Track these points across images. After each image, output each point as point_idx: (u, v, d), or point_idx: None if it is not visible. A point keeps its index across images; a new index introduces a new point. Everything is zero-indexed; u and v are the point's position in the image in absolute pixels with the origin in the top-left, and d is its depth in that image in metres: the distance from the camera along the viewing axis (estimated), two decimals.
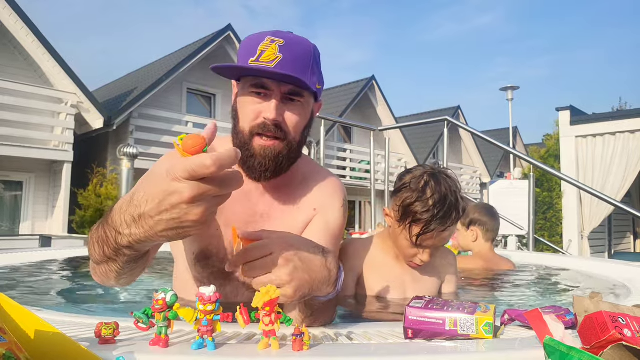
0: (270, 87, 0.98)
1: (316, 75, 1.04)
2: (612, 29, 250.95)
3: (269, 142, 1.00)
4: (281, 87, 0.98)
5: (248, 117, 1.00)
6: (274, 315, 0.63)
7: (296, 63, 0.97)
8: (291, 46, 0.97)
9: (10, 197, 9.31)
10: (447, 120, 3.93)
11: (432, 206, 1.18)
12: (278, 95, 0.99)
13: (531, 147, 16.58)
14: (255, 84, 0.99)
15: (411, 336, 0.71)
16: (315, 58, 1.03)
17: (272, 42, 0.96)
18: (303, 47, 1.00)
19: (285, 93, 0.99)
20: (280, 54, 0.95)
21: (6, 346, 0.49)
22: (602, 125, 7.69)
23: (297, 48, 0.98)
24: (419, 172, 1.27)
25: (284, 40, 0.97)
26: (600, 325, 0.56)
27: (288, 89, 0.99)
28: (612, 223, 9.63)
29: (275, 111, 0.97)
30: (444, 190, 1.20)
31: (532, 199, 4.00)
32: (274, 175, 1.03)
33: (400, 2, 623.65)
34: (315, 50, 1.04)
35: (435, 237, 1.21)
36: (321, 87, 1.08)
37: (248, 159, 1.01)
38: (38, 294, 1.55)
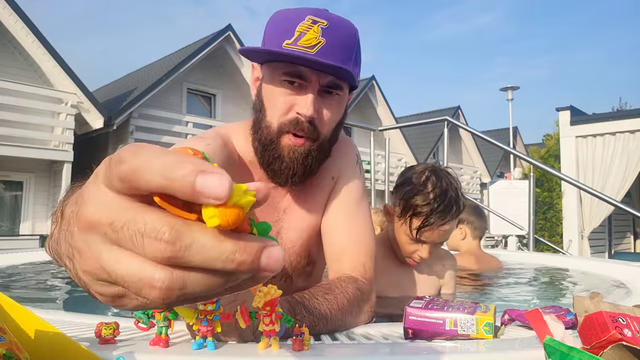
0: (309, 77, 0.84)
1: (358, 65, 0.90)
2: (612, 29, 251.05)
3: (300, 140, 0.86)
4: (320, 78, 0.84)
5: (278, 110, 0.86)
6: (274, 315, 0.63)
7: (341, 50, 0.83)
8: (335, 29, 0.82)
9: (10, 197, 9.31)
10: (447, 120, 3.93)
11: (433, 199, 1.19)
12: (316, 87, 0.85)
13: (531, 147, 16.59)
14: (290, 71, 0.84)
15: (411, 336, 0.71)
16: (359, 44, 0.88)
17: (314, 24, 0.81)
18: (348, 31, 0.85)
19: (324, 85, 0.86)
20: (323, 38, 0.81)
21: (6, 346, 0.49)
22: (602, 125, 7.69)
23: (341, 32, 0.84)
24: (421, 168, 1.29)
25: (327, 21, 0.82)
26: (600, 325, 0.56)
27: (328, 80, 0.85)
28: (612, 223, 9.63)
29: (312, 107, 0.84)
30: (445, 185, 1.22)
31: (532, 199, 4.00)
32: (302, 179, 0.91)
33: (400, 3, 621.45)
34: (358, 35, 0.88)
35: (435, 231, 1.21)
36: (358, 79, 0.94)
37: (274, 160, 0.88)
38: (38, 294, 1.55)
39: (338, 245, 0.98)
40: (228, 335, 0.65)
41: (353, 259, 0.95)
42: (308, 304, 0.75)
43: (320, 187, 1.02)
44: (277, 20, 0.86)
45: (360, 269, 0.95)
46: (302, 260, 1.05)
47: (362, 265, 0.96)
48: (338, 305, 0.79)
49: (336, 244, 0.98)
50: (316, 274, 1.10)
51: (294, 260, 1.03)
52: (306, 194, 1.01)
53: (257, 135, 0.91)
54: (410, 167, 1.33)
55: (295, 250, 1.03)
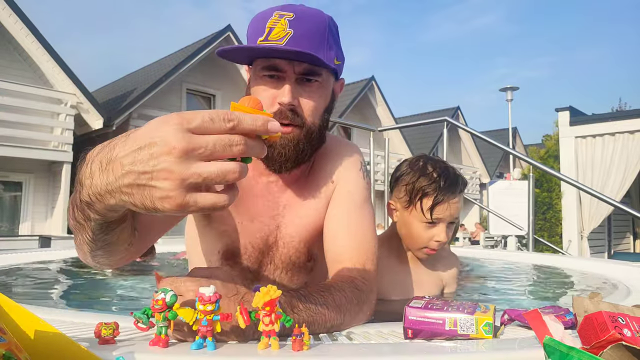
0: (283, 68, 0.90)
1: (334, 50, 0.93)
2: (612, 30, 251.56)
3: (287, 128, 0.91)
4: (295, 66, 0.90)
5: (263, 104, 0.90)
6: (274, 315, 0.63)
7: (309, 38, 0.87)
8: (302, 19, 0.87)
9: (9, 198, 9.31)
10: (446, 121, 3.93)
11: (437, 177, 1.23)
12: (292, 76, 0.90)
13: (530, 147, 16.60)
14: (267, 66, 0.90)
15: (411, 336, 0.71)
16: (331, 30, 0.92)
17: (280, 17, 0.87)
18: (316, 19, 0.90)
19: (301, 73, 0.90)
20: (291, 29, 0.86)
21: (6, 346, 0.49)
22: (602, 125, 7.70)
23: (309, 21, 0.88)
24: (413, 158, 1.33)
25: (293, 13, 0.87)
26: (599, 325, 0.56)
27: (302, 68, 0.90)
28: (612, 223, 9.63)
29: (289, 94, 0.88)
30: (442, 164, 1.28)
31: (532, 199, 4.00)
32: (295, 165, 0.96)
33: (400, 3, 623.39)
34: (330, 21, 0.93)
35: (448, 207, 1.22)
36: (341, 63, 0.98)
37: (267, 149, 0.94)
38: (38, 294, 1.55)
39: (339, 247, 0.99)
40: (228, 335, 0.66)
41: (353, 260, 0.96)
42: (305, 299, 0.75)
43: (320, 187, 1.04)
44: (251, 23, 0.93)
45: (360, 269, 0.95)
46: (302, 255, 1.07)
47: (362, 266, 0.96)
48: (335, 303, 0.80)
49: (337, 245, 0.99)
50: (318, 271, 1.11)
51: (293, 254, 1.06)
52: (305, 192, 1.04)
53: None
54: (402, 161, 1.36)
55: (294, 244, 1.05)
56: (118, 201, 0.54)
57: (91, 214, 0.61)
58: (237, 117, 0.52)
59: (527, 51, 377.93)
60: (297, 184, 1.04)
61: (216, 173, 0.50)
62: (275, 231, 1.05)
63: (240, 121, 0.52)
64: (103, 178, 0.53)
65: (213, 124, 0.51)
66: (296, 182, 1.04)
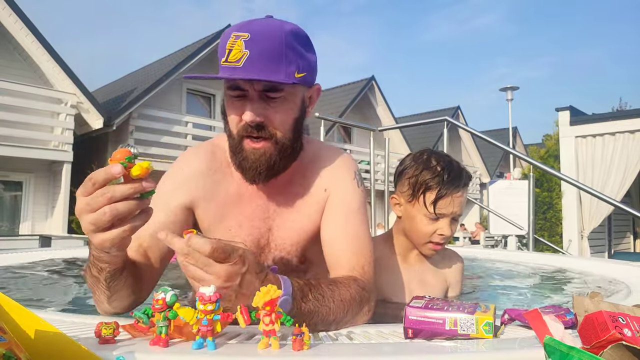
0: (244, 87, 0.93)
1: (294, 63, 0.93)
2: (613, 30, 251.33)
3: (258, 144, 0.95)
4: (254, 85, 0.92)
5: (233, 120, 0.96)
6: (274, 315, 0.63)
7: (265, 57, 0.89)
8: (257, 39, 0.89)
9: (10, 197, 9.31)
10: (446, 121, 3.92)
11: (441, 170, 1.22)
12: (254, 94, 0.93)
13: (531, 147, 16.59)
14: (230, 86, 0.94)
15: (411, 336, 0.71)
16: (288, 44, 0.92)
17: (237, 39, 0.89)
18: (272, 36, 0.90)
19: (261, 91, 0.93)
20: (247, 50, 0.88)
21: (6, 346, 0.49)
22: (602, 125, 7.69)
23: (264, 39, 0.90)
24: (417, 153, 1.32)
25: (249, 34, 0.89)
26: (600, 325, 0.56)
27: (262, 86, 0.92)
28: (612, 223, 9.63)
29: (250, 115, 0.92)
30: (447, 158, 1.27)
31: (532, 199, 4.00)
32: (268, 177, 0.99)
33: (400, 3, 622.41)
34: (289, 35, 0.93)
35: (451, 200, 1.22)
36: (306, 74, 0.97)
37: (242, 161, 0.98)
38: (38, 294, 1.55)
39: (337, 251, 1.01)
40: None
41: (352, 262, 0.99)
42: (314, 289, 0.80)
43: (311, 194, 1.07)
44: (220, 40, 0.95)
45: (360, 270, 0.98)
46: (294, 258, 1.08)
47: (361, 267, 0.98)
48: (341, 297, 0.84)
49: (336, 249, 1.01)
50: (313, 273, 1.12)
51: (285, 256, 1.08)
52: (296, 198, 1.07)
53: (229, 143, 1.01)
54: (406, 156, 1.36)
55: (286, 247, 1.07)
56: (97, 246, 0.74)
57: (101, 265, 0.80)
58: (110, 190, 0.68)
59: (527, 51, 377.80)
60: (287, 190, 1.07)
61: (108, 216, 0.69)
62: (267, 233, 1.07)
63: (113, 193, 0.68)
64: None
65: (95, 200, 0.68)
66: (286, 189, 1.06)
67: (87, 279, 0.86)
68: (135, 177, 0.67)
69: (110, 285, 0.83)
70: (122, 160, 0.67)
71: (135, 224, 0.71)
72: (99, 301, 0.89)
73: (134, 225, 0.71)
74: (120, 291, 0.86)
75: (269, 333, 0.63)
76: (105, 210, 0.67)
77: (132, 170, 0.67)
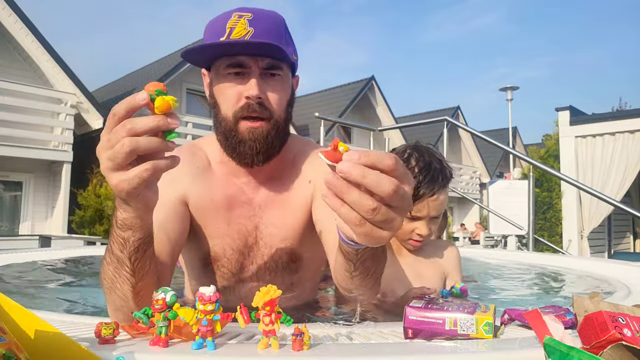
0: (248, 63, 0.93)
1: (291, 46, 0.99)
2: (612, 29, 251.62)
3: (256, 123, 0.94)
4: (259, 62, 0.93)
5: (229, 101, 0.94)
6: (274, 315, 0.63)
7: (270, 34, 0.92)
8: (261, 18, 0.92)
9: (10, 197, 9.31)
10: (446, 121, 3.92)
11: (418, 173, 1.22)
12: (257, 71, 0.93)
13: (531, 147, 16.58)
14: (231, 63, 0.93)
15: (411, 336, 0.71)
16: (286, 29, 0.99)
17: (240, 17, 0.91)
18: (273, 18, 0.95)
19: (264, 68, 0.94)
20: (251, 28, 0.90)
21: (6, 346, 0.49)
22: (602, 125, 7.70)
23: (267, 19, 0.94)
24: (402, 147, 1.32)
25: (252, 14, 0.92)
26: (600, 325, 0.56)
27: (266, 63, 0.93)
28: (612, 223, 9.63)
29: (256, 87, 0.91)
30: (428, 158, 1.25)
31: (532, 199, 4.00)
32: (266, 157, 0.98)
33: (400, 3, 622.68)
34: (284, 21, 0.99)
35: (427, 204, 1.21)
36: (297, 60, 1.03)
37: (237, 145, 0.95)
38: (38, 294, 1.55)
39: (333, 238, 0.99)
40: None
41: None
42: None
43: (296, 187, 1.06)
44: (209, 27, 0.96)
45: None
46: (284, 255, 1.07)
47: None
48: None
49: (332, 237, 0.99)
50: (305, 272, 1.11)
51: (275, 253, 1.07)
52: (281, 192, 1.05)
53: (219, 130, 0.98)
54: (392, 150, 1.36)
55: (276, 244, 1.06)
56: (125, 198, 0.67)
57: (125, 234, 0.72)
58: (131, 121, 0.62)
59: (527, 51, 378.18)
60: (270, 184, 1.05)
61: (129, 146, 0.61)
62: (254, 232, 1.06)
63: (134, 125, 0.62)
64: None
65: (115, 134, 0.62)
66: (269, 183, 1.05)
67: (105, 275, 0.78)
68: (160, 111, 0.62)
69: (135, 268, 0.75)
70: (151, 92, 0.62)
71: (159, 164, 0.63)
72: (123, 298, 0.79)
73: (157, 165, 0.63)
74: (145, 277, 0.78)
75: (269, 333, 0.63)
76: (125, 142, 0.61)
77: (156, 103, 0.61)
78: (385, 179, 0.52)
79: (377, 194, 0.53)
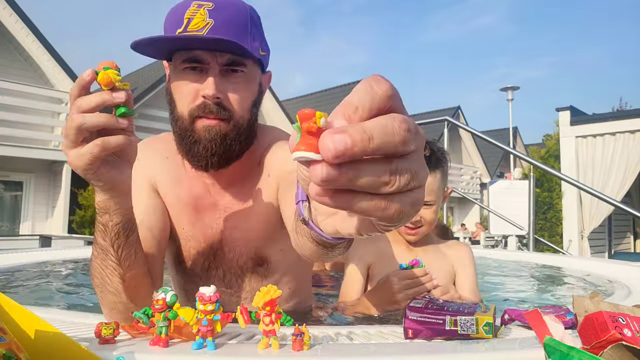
0: (206, 59, 0.86)
1: (258, 40, 0.90)
2: (612, 29, 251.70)
3: (213, 121, 0.87)
4: (218, 57, 0.86)
5: (185, 99, 0.88)
6: (274, 315, 0.63)
7: (231, 27, 0.84)
8: (223, 8, 0.84)
9: (10, 197, 9.31)
10: (447, 120, 3.92)
11: None
12: (215, 67, 0.86)
13: (531, 147, 16.58)
14: (188, 58, 0.86)
15: (411, 336, 0.71)
16: (253, 20, 0.89)
17: (199, 7, 0.83)
18: (237, 9, 0.87)
19: (224, 64, 0.87)
20: (211, 19, 0.82)
21: (6, 346, 0.49)
22: (602, 125, 7.69)
23: (230, 10, 0.85)
24: None
25: (213, 3, 0.84)
26: (600, 325, 0.56)
27: (226, 58, 0.86)
28: (612, 223, 9.63)
29: (213, 87, 0.84)
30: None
31: (532, 199, 4.00)
32: (223, 161, 0.90)
33: (400, 3, 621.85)
34: (252, 11, 0.90)
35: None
36: (267, 55, 0.94)
37: (192, 145, 0.88)
38: (38, 294, 1.55)
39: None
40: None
41: None
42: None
43: (259, 186, 0.99)
44: (168, 16, 0.88)
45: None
46: (250, 260, 1.02)
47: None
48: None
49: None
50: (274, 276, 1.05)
51: (240, 258, 1.02)
52: (245, 194, 0.99)
53: (174, 129, 0.92)
54: None
55: (240, 248, 1.01)
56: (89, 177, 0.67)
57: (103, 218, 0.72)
58: (79, 100, 0.63)
59: (527, 51, 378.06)
60: (235, 186, 0.99)
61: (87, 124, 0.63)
62: (218, 235, 1.01)
63: (80, 102, 0.62)
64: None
65: (70, 113, 0.63)
66: (234, 185, 0.99)
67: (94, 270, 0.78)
68: (104, 86, 0.62)
69: (120, 257, 0.74)
70: (99, 70, 0.62)
71: (108, 140, 0.63)
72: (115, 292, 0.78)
73: (106, 141, 0.63)
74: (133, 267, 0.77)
75: (269, 333, 0.63)
76: (73, 118, 0.62)
77: (98, 77, 0.61)
78: (391, 121, 0.31)
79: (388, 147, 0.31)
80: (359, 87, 0.32)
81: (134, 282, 0.79)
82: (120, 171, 0.69)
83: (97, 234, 0.75)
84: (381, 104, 0.32)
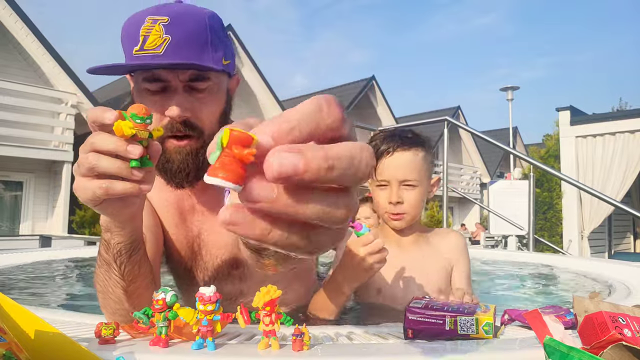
0: (166, 78, 0.83)
1: (220, 49, 0.86)
2: (612, 29, 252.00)
3: (182, 142, 0.85)
4: (179, 75, 0.83)
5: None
6: (274, 315, 0.63)
7: (190, 42, 0.81)
8: (179, 22, 0.81)
9: (10, 197, 9.31)
10: (447, 121, 3.92)
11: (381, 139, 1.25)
12: (178, 85, 0.83)
13: (531, 147, 16.59)
14: (148, 77, 0.83)
15: (411, 336, 0.71)
16: (212, 29, 0.85)
17: (154, 23, 0.80)
18: (194, 20, 0.83)
19: (187, 81, 0.84)
20: (168, 35, 0.79)
21: (6, 346, 0.49)
22: (602, 125, 7.70)
23: (187, 23, 0.82)
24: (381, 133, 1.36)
25: (168, 17, 0.80)
26: (600, 325, 0.56)
27: (188, 75, 0.83)
28: (612, 223, 9.62)
29: (177, 109, 0.82)
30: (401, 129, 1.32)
31: (532, 199, 4.00)
32: (196, 179, 0.89)
33: (400, 3, 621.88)
34: (211, 19, 0.86)
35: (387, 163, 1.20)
36: (231, 61, 0.91)
37: (165, 165, 0.87)
38: (38, 294, 1.55)
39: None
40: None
41: None
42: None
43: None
44: (124, 28, 0.84)
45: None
46: (224, 263, 1.02)
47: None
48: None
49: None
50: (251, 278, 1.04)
51: (216, 262, 1.02)
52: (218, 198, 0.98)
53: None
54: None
55: (215, 251, 1.02)
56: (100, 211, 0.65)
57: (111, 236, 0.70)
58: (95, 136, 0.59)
59: (527, 51, 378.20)
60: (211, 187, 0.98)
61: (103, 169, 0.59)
62: (197, 238, 1.01)
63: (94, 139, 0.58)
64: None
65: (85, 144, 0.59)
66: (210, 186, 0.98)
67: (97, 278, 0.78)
68: (120, 135, 0.57)
69: (123, 272, 0.73)
70: (127, 114, 0.57)
71: (114, 186, 0.59)
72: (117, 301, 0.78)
73: (111, 186, 0.59)
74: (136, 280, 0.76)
75: (269, 333, 0.63)
76: (88, 157, 0.58)
77: (113, 126, 0.56)
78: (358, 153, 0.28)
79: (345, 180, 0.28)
80: (305, 107, 0.28)
81: (137, 293, 0.78)
82: (124, 204, 0.64)
83: (101, 247, 0.74)
84: (326, 133, 0.28)
